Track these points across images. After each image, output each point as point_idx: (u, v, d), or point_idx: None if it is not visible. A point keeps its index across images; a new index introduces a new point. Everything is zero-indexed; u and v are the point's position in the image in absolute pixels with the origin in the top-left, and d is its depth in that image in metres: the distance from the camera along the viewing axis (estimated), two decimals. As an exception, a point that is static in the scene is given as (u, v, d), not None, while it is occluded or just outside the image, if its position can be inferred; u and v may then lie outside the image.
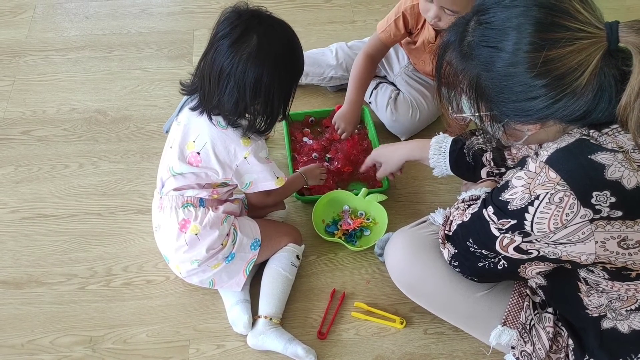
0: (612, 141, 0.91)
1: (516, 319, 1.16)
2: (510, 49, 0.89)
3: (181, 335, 1.40)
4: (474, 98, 0.97)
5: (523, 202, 0.95)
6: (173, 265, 1.41)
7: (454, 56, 0.97)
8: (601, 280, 1.01)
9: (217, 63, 1.20)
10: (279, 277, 1.42)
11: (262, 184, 1.37)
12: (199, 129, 1.29)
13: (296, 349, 1.33)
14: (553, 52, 0.87)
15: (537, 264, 1.02)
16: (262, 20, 1.22)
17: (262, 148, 1.33)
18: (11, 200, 1.67)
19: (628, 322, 1.06)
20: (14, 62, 2.10)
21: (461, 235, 1.11)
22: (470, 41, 0.94)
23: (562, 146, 0.93)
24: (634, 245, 0.92)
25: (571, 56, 0.87)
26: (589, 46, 0.87)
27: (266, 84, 1.21)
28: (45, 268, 1.52)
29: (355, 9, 2.32)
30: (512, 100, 0.93)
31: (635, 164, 0.89)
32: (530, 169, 0.96)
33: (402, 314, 1.44)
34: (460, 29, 0.96)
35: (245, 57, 1.18)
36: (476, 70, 0.94)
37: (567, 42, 0.86)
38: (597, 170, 0.89)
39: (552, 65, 0.87)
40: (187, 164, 1.31)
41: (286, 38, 1.25)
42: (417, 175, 1.73)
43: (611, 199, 0.88)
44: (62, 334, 1.40)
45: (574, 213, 0.90)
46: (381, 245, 1.48)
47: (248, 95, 1.21)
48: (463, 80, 0.97)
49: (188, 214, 1.32)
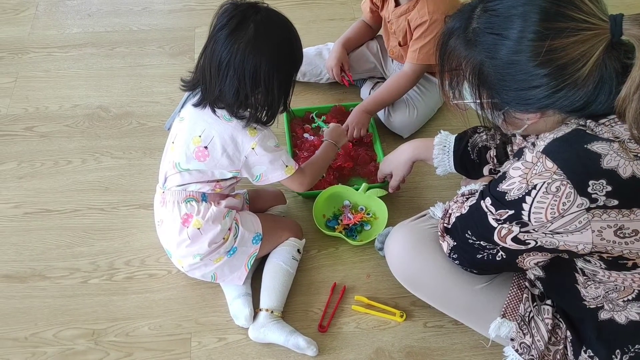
0: (608, 131, 0.92)
1: (515, 311, 1.17)
2: (515, 37, 0.90)
3: (183, 328, 1.41)
4: (476, 85, 0.98)
5: (520, 192, 0.96)
6: (175, 260, 1.42)
7: (458, 42, 0.98)
8: (598, 271, 1.02)
9: (216, 54, 1.21)
10: (280, 271, 1.43)
11: (272, 175, 1.37)
12: (204, 123, 1.30)
13: (298, 341, 1.34)
14: (557, 42, 0.87)
15: (534, 254, 1.03)
16: (259, 10, 1.23)
17: (269, 137, 1.33)
18: (14, 196, 1.69)
19: (625, 313, 1.07)
20: (17, 59, 2.11)
21: (460, 228, 1.12)
22: (476, 28, 0.94)
23: (558, 136, 0.94)
24: (630, 234, 0.92)
25: (574, 47, 0.87)
26: (592, 37, 0.87)
27: (265, 72, 1.21)
28: (48, 262, 1.54)
29: (355, 6, 2.33)
30: (514, 89, 0.94)
31: (631, 153, 0.90)
32: (527, 159, 0.96)
33: (402, 307, 1.45)
34: (466, 15, 0.97)
35: (244, 45, 1.19)
36: (480, 57, 0.95)
37: (571, 32, 0.87)
38: (593, 159, 0.89)
39: (555, 54, 0.88)
40: (194, 159, 1.31)
41: (284, 27, 1.25)
42: (417, 170, 1.74)
43: (607, 188, 0.89)
44: (65, 327, 1.41)
45: (571, 202, 0.91)
46: (381, 239, 1.48)
47: (248, 84, 1.22)
48: (466, 66, 0.98)
49: (190, 208, 1.33)
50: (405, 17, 1.69)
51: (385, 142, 1.79)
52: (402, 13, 1.70)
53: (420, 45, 1.66)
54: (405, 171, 1.50)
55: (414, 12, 1.66)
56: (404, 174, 1.51)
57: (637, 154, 0.90)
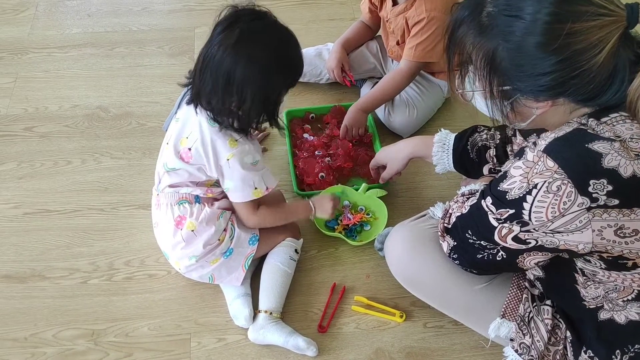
0: (609, 130, 0.92)
1: (515, 312, 1.17)
2: (530, 17, 0.89)
3: (182, 328, 1.41)
4: (487, 72, 0.97)
5: (521, 191, 0.96)
6: (172, 262, 1.42)
7: (470, 29, 0.96)
8: (598, 271, 1.02)
9: (202, 51, 1.21)
10: (278, 272, 1.43)
11: (236, 193, 1.31)
12: (192, 125, 1.29)
13: (297, 342, 1.34)
14: (577, 25, 0.87)
15: (535, 254, 1.03)
16: (256, 18, 1.20)
17: (248, 153, 1.28)
18: (14, 196, 1.69)
19: (625, 313, 1.07)
20: (16, 60, 2.11)
21: (460, 227, 1.12)
22: (491, 11, 0.93)
23: (559, 135, 0.94)
24: (631, 234, 0.92)
25: (593, 31, 0.87)
26: (610, 24, 0.87)
27: (238, 80, 1.17)
28: (48, 262, 1.53)
29: (355, 6, 2.33)
30: (528, 74, 0.93)
31: (633, 152, 0.90)
32: (529, 158, 0.96)
33: (402, 307, 1.45)
34: (474, 2, 0.96)
35: (224, 47, 1.17)
36: (495, 41, 0.93)
37: (590, 16, 0.87)
38: (594, 158, 0.89)
39: (574, 38, 0.87)
40: (179, 159, 1.31)
41: (273, 44, 1.20)
42: (417, 170, 1.74)
43: (608, 187, 0.89)
44: (64, 328, 1.41)
45: (572, 201, 0.91)
46: (381, 240, 1.48)
47: (220, 87, 1.19)
48: (477, 53, 0.97)
49: (184, 210, 1.33)
50: (403, 15, 1.69)
51: (385, 142, 1.78)
52: (400, 12, 1.70)
53: (416, 42, 1.66)
54: (401, 166, 1.49)
55: (412, 10, 1.66)
56: (398, 169, 1.50)
57: (638, 153, 0.90)
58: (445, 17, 1.61)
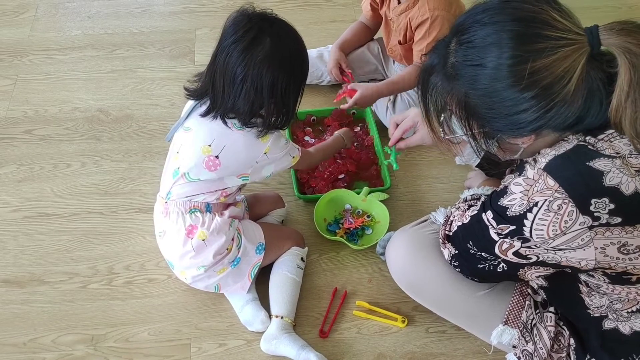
0: (608, 147, 0.91)
1: (517, 318, 1.16)
2: (493, 65, 0.89)
3: (183, 333, 1.40)
4: (465, 117, 0.97)
5: (522, 209, 0.95)
6: (178, 272, 1.41)
7: (439, 78, 0.97)
8: (602, 284, 1.01)
9: (230, 67, 1.21)
10: (287, 281, 1.42)
11: (281, 166, 1.39)
12: (213, 132, 1.28)
13: (309, 356, 1.32)
14: (538, 63, 0.87)
15: (536, 268, 1.02)
16: (273, 23, 1.23)
17: (279, 137, 1.34)
18: (13, 199, 1.68)
19: (629, 324, 1.06)
20: (16, 62, 2.11)
21: (461, 237, 1.11)
22: (454, 62, 0.94)
23: (560, 153, 0.93)
24: (634, 250, 0.92)
25: (556, 64, 0.87)
26: (572, 52, 0.87)
27: (282, 85, 1.22)
28: (47, 267, 1.53)
29: (357, 7, 2.32)
30: (503, 115, 0.93)
31: (633, 169, 0.89)
32: (529, 175, 0.95)
33: (404, 312, 1.44)
34: (442, 51, 0.97)
35: (260, 59, 1.19)
36: (463, 89, 0.94)
37: (550, 51, 0.87)
38: (595, 177, 0.89)
39: (539, 75, 0.87)
40: (205, 169, 1.30)
41: (295, 39, 1.27)
42: (419, 174, 1.73)
43: (610, 206, 0.88)
44: (64, 333, 1.40)
45: (573, 220, 0.90)
46: (383, 244, 1.47)
47: (265, 97, 1.23)
48: (451, 101, 0.98)
49: (195, 219, 1.32)
50: (405, 14, 1.68)
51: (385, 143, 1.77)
52: (403, 11, 1.69)
53: (425, 44, 1.65)
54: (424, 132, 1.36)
55: (415, 9, 1.65)
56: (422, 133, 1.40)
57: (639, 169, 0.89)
58: (448, 14, 1.61)
